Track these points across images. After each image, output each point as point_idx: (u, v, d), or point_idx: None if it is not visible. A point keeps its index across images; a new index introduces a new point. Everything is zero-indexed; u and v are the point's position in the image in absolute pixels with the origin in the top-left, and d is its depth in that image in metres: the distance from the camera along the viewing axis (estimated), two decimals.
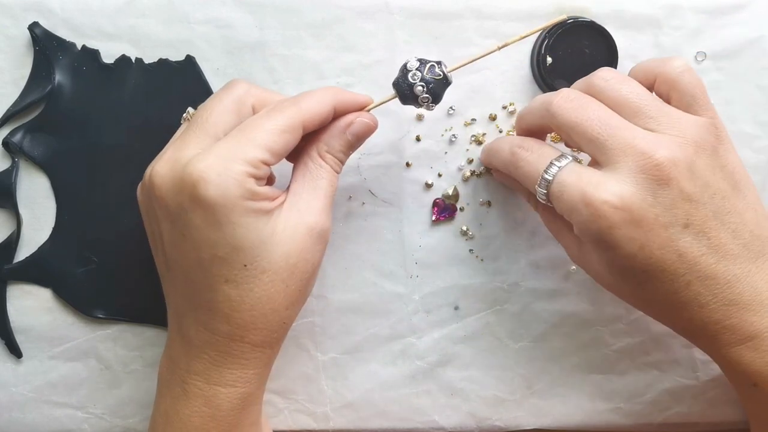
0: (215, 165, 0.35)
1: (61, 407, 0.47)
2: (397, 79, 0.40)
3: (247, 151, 0.35)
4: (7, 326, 0.47)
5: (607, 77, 0.38)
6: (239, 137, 0.36)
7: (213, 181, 0.35)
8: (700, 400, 0.49)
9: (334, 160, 0.40)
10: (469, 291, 0.48)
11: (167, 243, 0.38)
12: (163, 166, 0.37)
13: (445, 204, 0.47)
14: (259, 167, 0.36)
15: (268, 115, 0.37)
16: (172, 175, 0.36)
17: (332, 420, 0.48)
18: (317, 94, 0.39)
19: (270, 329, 0.38)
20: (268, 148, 0.36)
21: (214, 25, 0.46)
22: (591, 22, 0.45)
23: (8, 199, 0.46)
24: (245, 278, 0.36)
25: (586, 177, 0.36)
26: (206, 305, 0.37)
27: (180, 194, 0.36)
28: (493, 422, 0.49)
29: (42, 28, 0.45)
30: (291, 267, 0.37)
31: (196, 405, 0.38)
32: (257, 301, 0.37)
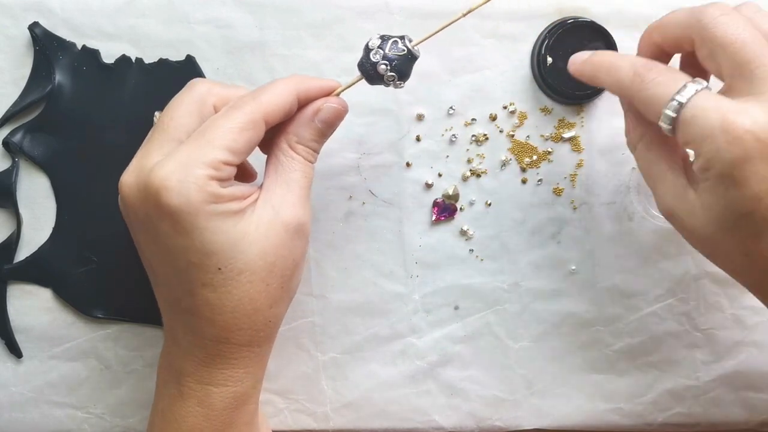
0: (176, 171, 0.34)
1: (61, 407, 0.47)
2: (361, 59, 0.38)
3: (206, 154, 0.34)
4: (7, 326, 0.47)
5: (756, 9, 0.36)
6: (199, 140, 0.35)
7: (174, 188, 0.34)
8: (701, 401, 0.49)
9: (306, 150, 0.38)
10: (469, 291, 0.48)
11: (145, 251, 0.38)
12: (129, 175, 0.36)
13: (445, 204, 0.47)
14: (220, 169, 0.35)
15: (227, 114, 0.36)
16: (137, 184, 0.35)
17: (332, 420, 0.48)
18: (278, 84, 0.37)
19: (255, 329, 0.38)
20: (228, 149, 0.35)
21: (214, 25, 0.46)
22: (591, 22, 0.45)
23: (8, 199, 0.46)
24: (222, 281, 0.36)
25: (726, 103, 0.33)
26: (188, 310, 0.37)
27: (146, 203, 0.35)
28: (493, 422, 0.49)
29: (42, 28, 0.45)
30: (269, 265, 0.36)
31: (190, 405, 0.38)
32: (238, 303, 0.36)
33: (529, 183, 0.47)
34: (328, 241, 0.47)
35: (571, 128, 0.47)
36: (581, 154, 0.47)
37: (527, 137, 0.47)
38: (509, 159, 0.47)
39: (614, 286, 0.48)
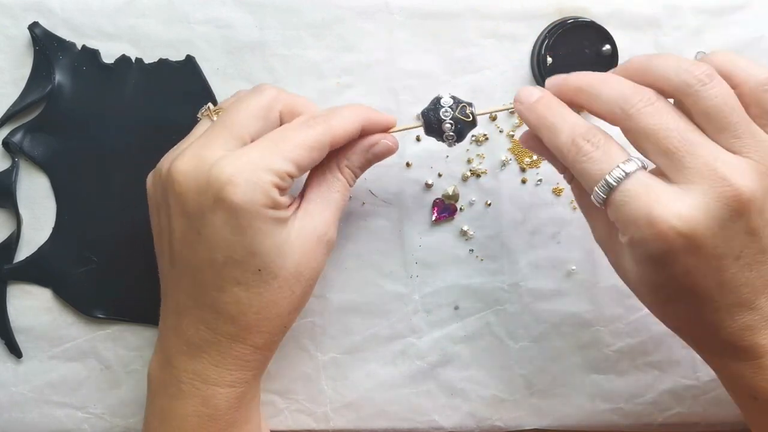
0: (245, 171, 0.35)
1: (61, 407, 0.47)
2: (427, 110, 0.41)
3: (276, 162, 0.36)
4: (7, 326, 0.47)
5: (703, 80, 0.34)
6: (270, 146, 0.37)
7: (241, 185, 0.35)
8: (701, 401, 0.49)
9: (350, 174, 0.41)
10: (469, 291, 0.48)
11: (178, 239, 0.38)
12: (186, 162, 0.37)
13: (445, 204, 0.47)
14: (284, 179, 0.36)
15: (299, 129, 0.38)
16: (196, 174, 0.36)
17: (332, 420, 0.48)
18: (348, 112, 0.39)
19: (272, 332, 0.39)
20: (295, 162, 0.37)
21: (214, 25, 0.46)
22: (591, 22, 0.45)
23: (8, 199, 0.46)
24: (257, 282, 0.37)
25: (655, 192, 0.33)
26: (212, 304, 0.37)
27: (203, 194, 0.36)
28: (493, 422, 0.49)
29: (42, 28, 0.45)
30: (299, 274, 0.38)
31: (193, 405, 0.38)
32: (264, 305, 0.37)
33: (529, 183, 0.47)
34: None
35: None
36: None
37: None
38: (509, 159, 0.47)
39: (614, 286, 0.48)
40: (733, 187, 0.33)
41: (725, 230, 0.33)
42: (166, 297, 0.40)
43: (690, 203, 0.33)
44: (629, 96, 0.35)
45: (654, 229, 0.33)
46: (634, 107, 0.35)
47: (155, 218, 0.40)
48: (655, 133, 0.34)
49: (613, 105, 0.35)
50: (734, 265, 0.34)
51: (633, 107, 0.35)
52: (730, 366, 0.37)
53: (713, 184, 0.33)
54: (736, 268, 0.34)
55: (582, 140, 0.35)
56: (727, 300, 0.35)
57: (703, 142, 0.34)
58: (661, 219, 0.33)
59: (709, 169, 0.33)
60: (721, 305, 0.35)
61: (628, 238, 0.34)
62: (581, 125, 0.36)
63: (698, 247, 0.33)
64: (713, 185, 0.33)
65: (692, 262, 0.33)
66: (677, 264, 0.33)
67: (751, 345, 0.36)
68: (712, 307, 0.35)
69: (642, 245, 0.34)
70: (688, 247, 0.33)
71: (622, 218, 0.34)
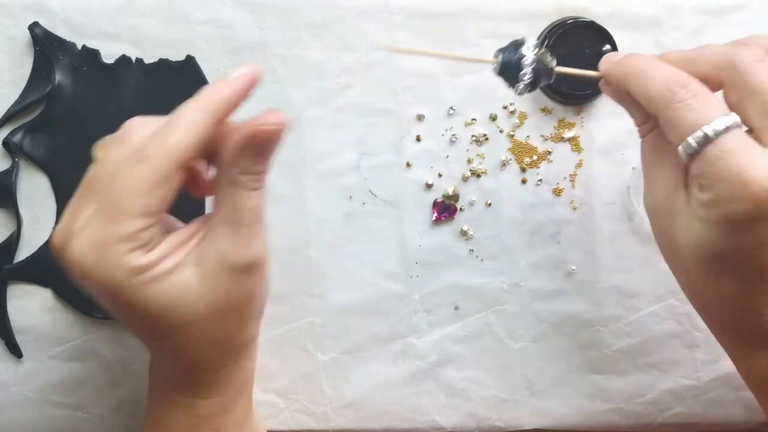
0: (89, 253, 0.31)
1: (61, 407, 0.47)
2: (506, 48, 0.37)
3: (119, 228, 0.30)
4: (7, 326, 0.46)
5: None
6: (108, 209, 0.31)
7: (92, 271, 0.31)
8: (701, 401, 0.49)
9: (251, 179, 0.33)
10: (469, 291, 0.48)
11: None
12: (56, 234, 0.33)
13: (445, 204, 0.47)
14: (138, 238, 0.31)
15: (133, 171, 0.31)
16: (60, 253, 0.33)
17: (332, 420, 0.48)
18: (185, 116, 0.32)
19: (223, 355, 0.36)
20: (142, 215, 0.31)
21: (214, 25, 0.46)
22: (591, 22, 0.45)
23: (8, 199, 0.46)
24: (175, 333, 0.34)
25: (754, 152, 0.31)
26: (152, 351, 0.38)
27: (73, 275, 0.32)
28: (493, 422, 0.49)
29: (42, 28, 0.45)
30: (222, 311, 0.34)
31: (178, 414, 0.37)
32: (198, 346, 0.35)
33: (529, 183, 0.47)
34: (328, 241, 0.47)
35: (571, 128, 0.47)
36: (581, 154, 0.47)
37: (527, 137, 0.47)
38: (509, 159, 0.47)
39: (614, 286, 0.48)
40: None
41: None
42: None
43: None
44: (738, 51, 0.33)
45: (746, 189, 0.31)
46: (745, 59, 0.33)
47: None
48: (763, 91, 0.32)
49: (722, 59, 0.34)
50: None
51: (744, 59, 0.33)
52: (756, 359, 0.36)
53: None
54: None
55: (678, 86, 0.33)
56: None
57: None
58: (757, 180, 0.31)
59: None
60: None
61: (712, 196, 0.32)
62: (676, 72, 0.34)
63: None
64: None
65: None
66: (754, 233, 0.32)
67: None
68: (762, 290, 0.34)
69: (727, 204, 0.32)
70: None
71: (712, 173, 0.32)
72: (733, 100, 0.34)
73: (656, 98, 0.34)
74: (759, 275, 0.33)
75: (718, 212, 0.32)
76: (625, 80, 0.36)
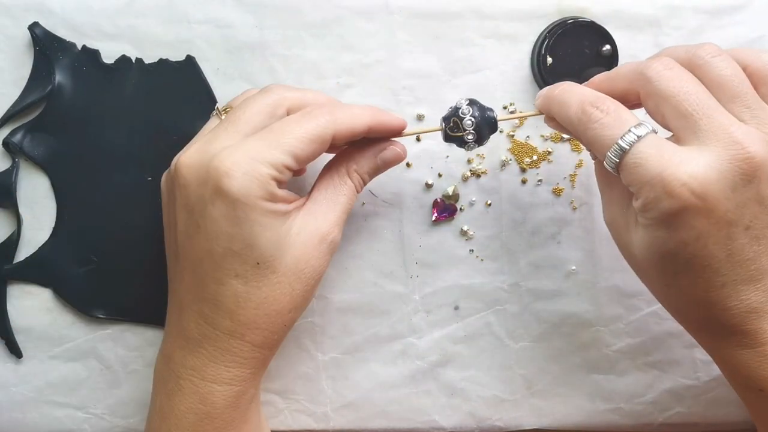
0: (242, 162, 0.36)
1: (61, 407, 0.47)
2: (448, 114, 0.40)
3: (273, 155, 0.36)
4: (7, 326, 0.47)
5: (714, 53, 0.36)
6: (269, 138, 0.37)
7: (238, 177, 0.35)
8: (701, 401, 0.49)
9: (359, 180, 0.41)
10: (469, 291, 0.48)
11: (180, 232, 0.38)
12: (190, 155, 0.37)
13: (445, 204, 0.47)
14: (282, 172, 0.36)
15: (300, 121, 0.37)
16: (198, 166, 0.37)
17: (332, 420, 0.48)
18: (355, 109, 0.39)
19: (271, 330, 0.39)
20: (294, 155, 0.37)
21: (214, 25, 0.46)
22: (591, 22, 0.45)
23: (8, 199, 0.46)
24: (255, 275, 0.37)
25: (667, 152, 0.34)
26: (211, 298, 0.37)
27: (203, 185, 0.36)
28: (493, 422, 0.49)
29: (42, 28, 0.45)
30: (299, 271, 0.38)
31: (191, 402, 0.38)
32: (263, 300, 0.37)
33: (529, 183, 0.47)
34: None
35: None
36: (581, 154, 0.47)
37: (527, 137, 0.47)
38: (509, 159, 0.47)
39: (614, 286, 0.48)
40: (746, 150, 0.33)
41: (737, 194, 0.34)
42: (170, 292, 0.41)
43: (703, 163, 0.33)
44: (648, 63, 0.36)
45: (667, 187, 0.33)
46: (654, 70, 0.36)
47: (165, 214, 0.41)
48: (674, 95, 0.35)
49: (633, 73, 0.37)
50: (744, 235, 0.34)
51: (653, 70, 0.36)
52: (734, 355, 0.37)
53: (727, 146, 0.33)
54: (745, 238, 0.34)
55: (590, 107, 0.36)
56: (734, 274, 0.35)
57: (719, 107, 0.35)
58: (674, 177, 0.33)
59: (724, 132, 0.34)
60: (727, 280, 0.35)
61: (642, 200, 0.34)
62: (589, 93, 0.37)
63: (710, 210, 0.33)
64: (727, 147, 0.33)
65: (704, 225, 0.34)
66: (689, 227, 0.34)
67: (755, 329, 0.36)
68: (718, 282, 0.35)
69: (655, 206, 0.34)
70: (700, 208, 0.33)
71: (635, 180, 0.34)
72: (651, 108, 0.37)
73: (575, 123, 0.37)
74: (711, 267, 0.35)
75: (651, 216, 0.35)
76: (552, 112, 0.39)
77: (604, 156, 0.35)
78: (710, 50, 0.36)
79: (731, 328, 0.36)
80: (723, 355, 0.38)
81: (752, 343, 0.36)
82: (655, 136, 0.35)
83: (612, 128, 0.35)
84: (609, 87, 0.38)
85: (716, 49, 0.36)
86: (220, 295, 0.37)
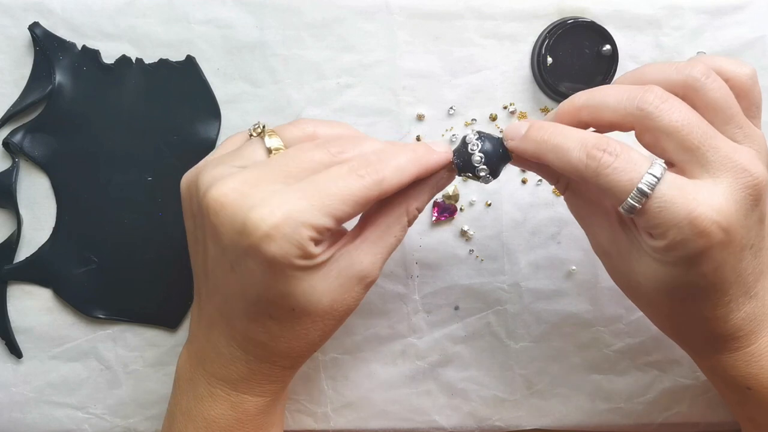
0: (282, 226, 0.33)
1: (61, 407, 0.47)
2: (457, 148, 0.38)
3: (316, 216, 0.34)
4: (8, 326, 0.46)
5: (706, 73, 0.35)
6: (313, 197, 0.34)
7: (278, 241, 0.33)
8: (701, 401, 0.49)
9: (415, 216, 0.38)
10: (469, 291, 0.48)
11: (211, 259, 0.37)
12: (226, 194, 0.34)
13: (445, 204, 0.47)
14: (322, 233, 0.34)
15: (347, 180, 0.34)
16: (233, 212, 0.34)
17: (332, 420, 0.48)
18: (404, 162, 0.36)
19: (301, 356, 0.39)
20: (336, 218, 0.34)
21: (214, 25, 0.46)
22: (591, 22, 0.45)
23: (8, 199, 0.46)
24: (289, 318, 0.36)
25: (689, 192, 0.33)
26: (243, 330, 0.37)
27: (239, 235, 0.34)
28: (493, 422, 0.49)
29: (42, 28, 0.45)
30: (333, 311, 0.37)
31: (222, 408, 0.38)
32: (295, 336, 0.37)
33: (529, 183, 0.47)
34: None
35: None
36: None
37: None
38: None
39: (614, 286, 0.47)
40: (753, 176, 0.33)
41: (748, 219, 0.34)
42: (198, 300, 0.40)
43: (722, 196, 0.33)
44: (642, 95, 0.34)
45: (698, 228, 0.32)
46: (652, 104, 0.34)
47: (189, 223, 0.39)
48: (678, 130, 0.33)
49: (627, 107, 0.34)
50: (749, 254, 0.35)
51: (650, 104, 0.34)
52: (724, 361, 0.37)
53: (736, 175, 0.33)
54: (750, 257, 0.35)
55: (598, 151, 0.34)
56: (737, 290, 0.35)
57: (717, 134, 0.34)
58: (704, 217, 0.32)
59: (731, 161, 0.33)
60: (732, 297, 0.35)
61: (667, 242, 0.33)
62: (590, 137, 0.35)
63: (731, 240, 0.33)
64: (737, 176, 0.33)
65: (724, 256, 0.33)
66: (711, 260, 0.33)
67: (747, 333, 0.36)
68: (724, 300, 0.35)
69: (683, 247, 0.33)
70: (724, 241, 0.33)
71: (661, 224, 0.33)
72: (649, 141, 0.35)
73: (581, 169, 0.34)
74: (722, 290, 0.35)
75: (675, 255, 0.34)
76: (541, 156, 0.36)
77: (622, 201, 0.33)
78: (703, 71, 0.35)
79: (728, 337, 0.36)
80: (713, 362, 0.38)
81: (742, 346, 0.37)
82: (671, 174, 0.33)
83: (627, 172, 0.33)
84: (594, 117, 0.36)
85: (706, 68, 0.35)
86: (252, 330, 0.37)
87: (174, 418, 0.40)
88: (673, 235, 0.33)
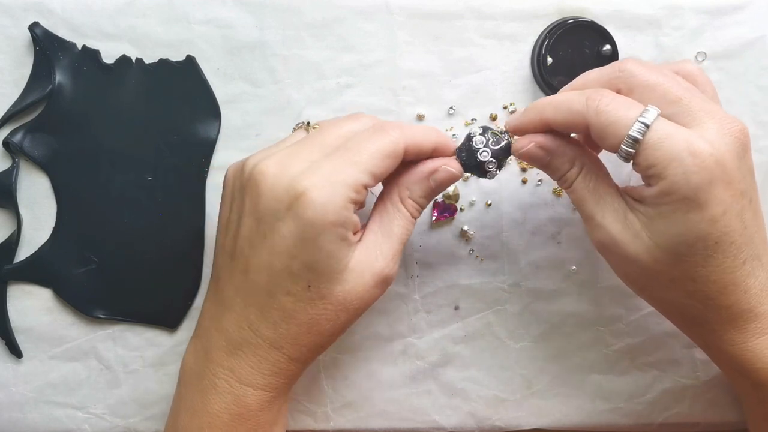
0: (322, 186, 0.35)
1: (61, 407, 0.47)
2: (461, 148, 0.40)
3: (352, 175, 0.36)
4: (7, 326, 0.47)
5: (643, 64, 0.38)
6: (345, 158, 0.36)
7: (316, 201, 0.35)
8: (701, 401, 0.49)
9: (414, 206, 0.39)
10: (469, 291, 0.48)
11: (243, 237, 0.38)
12: (270, 166, 0.37)
13: (445, 204, 0.47)
14: (360, 192, 0.36)
15: (373, 137, 0.37)
16: (275, 180, 0.36)
17: (332, 420, 0.48)
18: (423, 128, 0.39)
19: (309, 347, 0.39)
20: (371, 173, 0.36)
21: (214, 25, 0.46)
22: (591, 22, 0.45)
23: (8, 199, 0.46)
24: (304, 297, 0.37)
25: (684, 129, 0.35)
26: (259, 306, 0.38)
27: (279, 201, 0.36)
28: (493, 422, 0.49)
29: (42, 28, 0.45)
30: (347, 303, 0.38)
31: (225, 402, 0.38)
32: (307, 320, 0.38)
33: (529, 183, 0.47)
34: None
35: None
36: None
37: None
38: (509, 159, 0.47)
39: (614, 286, 0.48)
40: (737, 123, 0.35)
41: (741, 165, 0.35)
42: (215, 288, 0.40)
43: (713, 137, 0.34)
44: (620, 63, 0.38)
45: (697, 158, 0.33)
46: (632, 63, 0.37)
47: (226, 210, 0.40)
48: (661, 83, 0.36)
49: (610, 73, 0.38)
50: (749, 208, 0.35)
51: (630, 64, 0.37)
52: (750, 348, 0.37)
53: (723, 122, 0.35)
54: (750, 212, 0.36)
55: (597, 94, 0.36)
56: (749, 249, 0.36)
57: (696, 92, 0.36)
58: (702, 147, 0.34)
59: (714, 110, 0.35)
60: (747, 256, 0.36)
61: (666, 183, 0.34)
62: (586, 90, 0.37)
63: (730, 179, 0.34)
64: (723, 123, 0.35)
65: (727, 197, 0.34)
66: (717, 201, 0.34)
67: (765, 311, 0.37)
68: (741, 259, 0.36)
69: (684, 183, 0.34)
70: (724, 179, 0.34)
71: (661, 157, 0.34)
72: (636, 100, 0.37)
73: (583, 112, 0.36)
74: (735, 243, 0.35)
75: (679, 194, 0.34)
76: (544, 118, 0.38)
77: (622, 138, 0.35)
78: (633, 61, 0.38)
79: (749, 312, 0.36)
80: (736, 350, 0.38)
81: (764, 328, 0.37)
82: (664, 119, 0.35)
83: (626, 108, 0.35)
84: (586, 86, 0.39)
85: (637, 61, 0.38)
86: (268, 306, 0.37)
87: (178, 414, 0.40)
88: (674, 171, 0.34)
